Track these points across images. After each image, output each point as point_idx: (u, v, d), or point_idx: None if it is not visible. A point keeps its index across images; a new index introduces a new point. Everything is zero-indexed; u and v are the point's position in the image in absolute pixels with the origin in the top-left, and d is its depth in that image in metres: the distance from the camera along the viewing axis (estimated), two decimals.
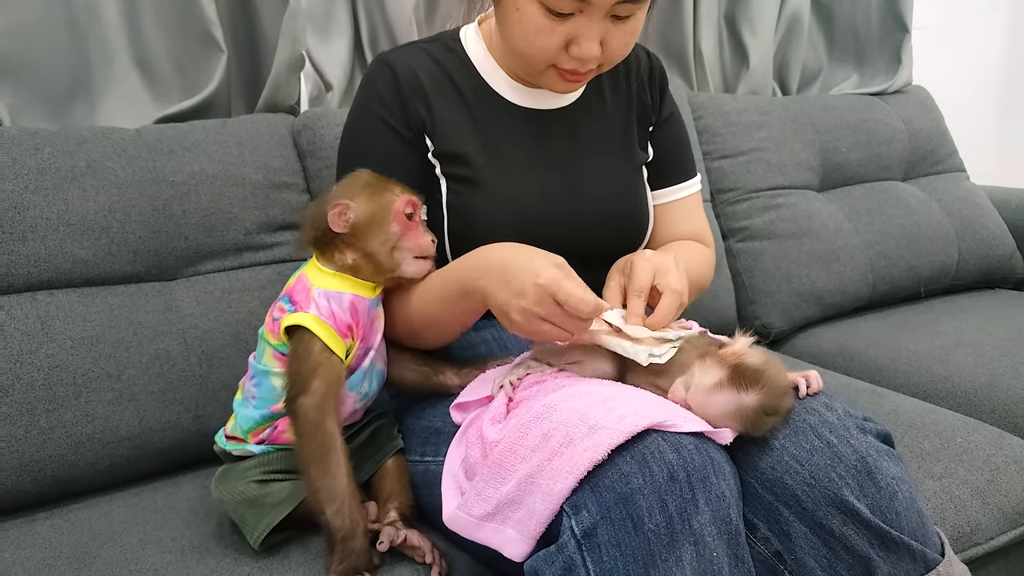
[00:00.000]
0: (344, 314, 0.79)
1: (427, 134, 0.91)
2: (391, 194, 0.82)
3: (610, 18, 0.81)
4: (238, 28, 1.29)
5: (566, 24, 0.80)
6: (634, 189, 0.98)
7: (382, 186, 0.83)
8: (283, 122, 1.22)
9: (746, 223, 1.51)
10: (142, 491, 0.97)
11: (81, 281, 1.00)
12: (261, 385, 0.83)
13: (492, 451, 0.70)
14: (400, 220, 0.82)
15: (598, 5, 0.78)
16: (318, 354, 0.77)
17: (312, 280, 0.81)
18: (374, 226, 0.81)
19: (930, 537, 0.71)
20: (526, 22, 0.82)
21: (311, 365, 0.77)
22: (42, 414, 0.93)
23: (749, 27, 1.73)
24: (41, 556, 0.82)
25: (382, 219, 0.81)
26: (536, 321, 0.72)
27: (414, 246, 0.83)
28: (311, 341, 0.77)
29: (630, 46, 0.86)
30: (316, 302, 0.79)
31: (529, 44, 0.84)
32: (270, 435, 0.83)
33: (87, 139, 1.04)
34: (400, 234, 0.82)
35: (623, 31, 0.83)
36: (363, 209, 0.81)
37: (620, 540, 0.61)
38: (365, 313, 0.81)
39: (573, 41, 0.81)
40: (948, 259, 1.64)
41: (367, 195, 0.82)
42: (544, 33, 0.82)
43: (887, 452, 0.71)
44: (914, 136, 1.75)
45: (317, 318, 0.78)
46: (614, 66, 0.95)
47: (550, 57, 0.84)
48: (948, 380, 1.21)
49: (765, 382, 0.70)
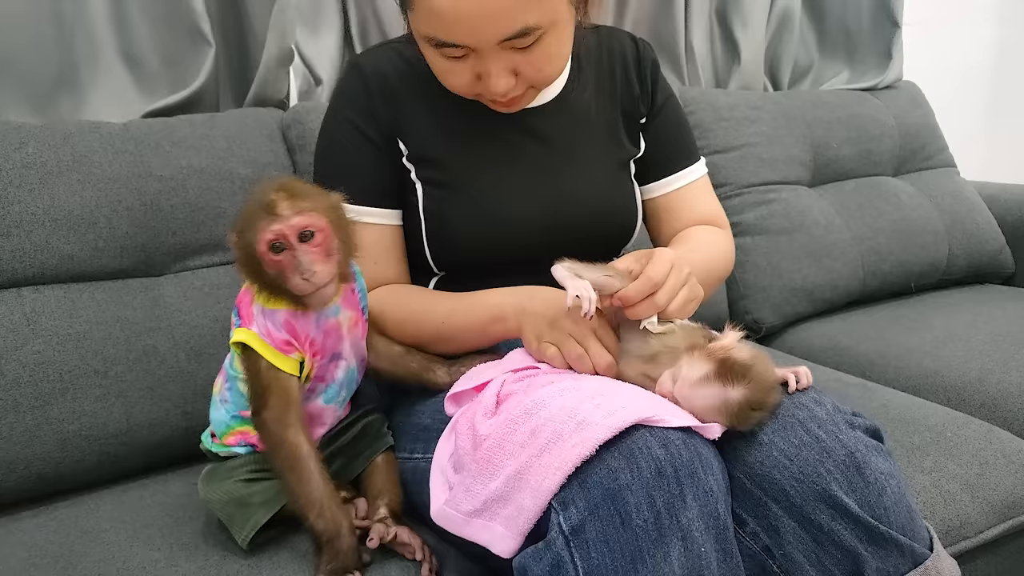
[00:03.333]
0: (279, 331, 0.76)
1: (400, 138, 0.91)
2: (254, 230, 0.71)
3: (511, 50, 0.78)
4: (226, 22, 1.28)
5: (467, 63, 0.80)
6: (618, 186, 0.97)
7: (256, 212, 0.72)
8: (272, 116, 1.21)
9: (737, 219, 1.51)
10: (130, 488, 0.97)
11: (67, 277, 0.99)
12: (232, 389, 0.82)
13: (481, 445, 0.70)
14: (268, 261, 0.72)
15: (482, 48, 0.77)
16: (265, 372, 0.76)
17: (254, 293, 0.77)
18: (253, 265, 0.73)
19: (919, 532, 0.71)
20: (432, 64, 0.83)
21: (262, 383, 0.76)
22: (28, 411, 0.92)
23: (740, 22, 1.73)
24: (26, 555, 0.82)
25: (253, 260, 0.72)
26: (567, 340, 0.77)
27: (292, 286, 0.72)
28: (257, 359, 0.76)
29: (550, 70, 0.83)
30: (256, 319, 0.76)
31: (444, 82, 0.84)
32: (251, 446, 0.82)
33: (73, 133, 1.03)
34: (275, 274, 0.72)
35: (532, 60, 0.80)
36: (238, 248, 0.74)
37: (608, 536, 0.61)
38: (310, 327, 0.77)
39: (481, 76, 0.80)
40: (938, 254, 1.65)
41: (241, 228, 0.73)
42: (449, 74, 0.82)
43: (876, 447, 0.71)
44: (904, 131, 1.76)
45: (256, 335, 0.76)
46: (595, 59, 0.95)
47: (469, 91, 0.83)
48: (938, 375, 1.22)
49: (752, 377, 0.70)
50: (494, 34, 0.75)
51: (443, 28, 0.76)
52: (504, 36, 0.76)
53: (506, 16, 0.74)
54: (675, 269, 0.76)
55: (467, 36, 0.76)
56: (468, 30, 0.75)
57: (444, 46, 0.78)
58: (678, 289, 0.76)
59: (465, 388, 0.81)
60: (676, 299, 0.76)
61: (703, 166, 1.05)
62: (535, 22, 0.76)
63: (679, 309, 0.76)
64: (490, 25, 0.75)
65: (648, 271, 0.75)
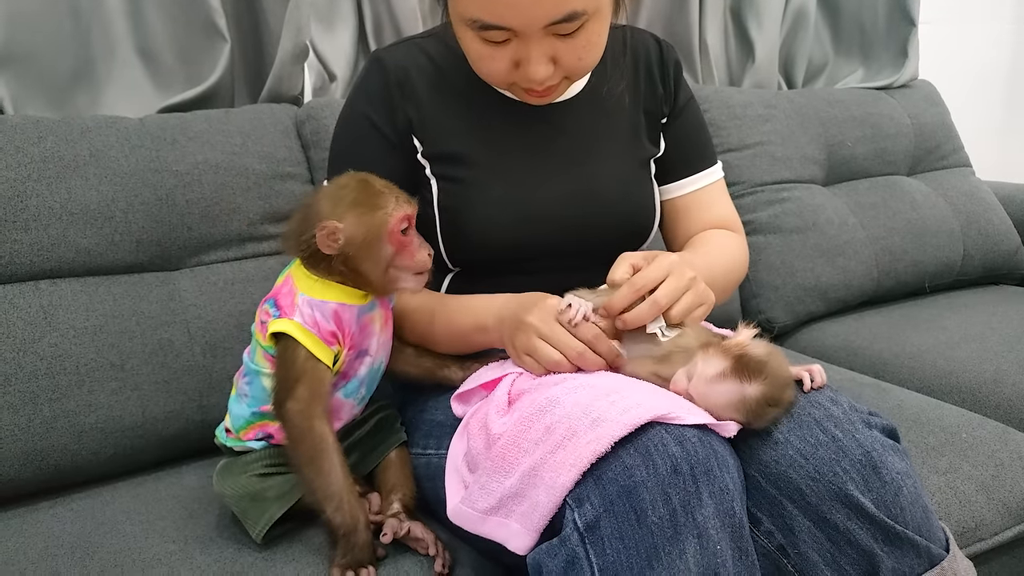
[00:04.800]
0: (327, 322, 0.77)
1: (415, 135, 0.90)
2: (383, 212, 0.76)
3: (553, 36, 0.78)
4: (242, 17, 1.29)
5: (507, 48, 0.79)
6: (638, 185, 0.96)
7: (373, 201, 0.77)
8: (287, 112, 1.21)
9: (751, 217, 1.50)
10: (145, 481, 0.97)
11: (84, 271, 1.00)
12: (253, 384, 0.82)
13: (495, 444, 0.70)
14: (395, 240, 0.77)
15: (526, 31, 0.76)
16: (303, 362, 0.76)
17: (298, 284, 0.78)
18: (367, 248, 0.76)
19: (935, 532, 0.70)
20: (469, 50, 0.82)
21: (296, 372, 0.76)
22: (45, 403, 0.92)
23: (755, 20, 1.72)
24: (44, 545, 0.82)
25: (375, 240, 0.76)
26: (534, 339, 0.75)
27: (411, 264, 0.79)
28: (296, 348, 0.76)
29: (589, 59, 0.82)
30: (300, 309, 0.76)
31: (479, 70, 0.83)
32: (268, 436, 0.82)
33: (90, 128, 1.04)
34: (395, 254, 0.77)
35: (574, 47, 0.79)
36: (353, 231, 0.75)
37: (623, 533, 0.61)
38: (352, 321, 0.78)
39: (520, 63, 0.80)
40: (953, 254, 1.64)
41: (357, 214, 0.76)
42: (487, 60, 0.80)
43: (892, 447, 0.71)
44: (920, 131, 1.74)
45: (300, 326, 0.76)
46: (618, 57, 0.95)
47: (504, 79, 0.82)
48: (952, 375, 1.21)
49: (768, 373, 0.70)
50: (542, 17, 0.75)
51: (490, 9, 0.75)
52: (552, 19, 0.75)
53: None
54: (674, 273, 0.76)
55: (515, 18, 0.75)
56: (516, 12, 0.74)
57: (488, 28, 0.76)
58: (680, 292, 0.75)
59: (471, 387, 0.82)
60: (680, 303, 0.75)
61: (720, 170, 1.04)
62: (582, 7, 0.75)
63: (685, 314, 0.75)
64: (539, 7, 0.74)
65: (634, 278, 0.75)
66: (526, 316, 0.77)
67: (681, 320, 0.75)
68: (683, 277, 0.76)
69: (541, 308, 0.77)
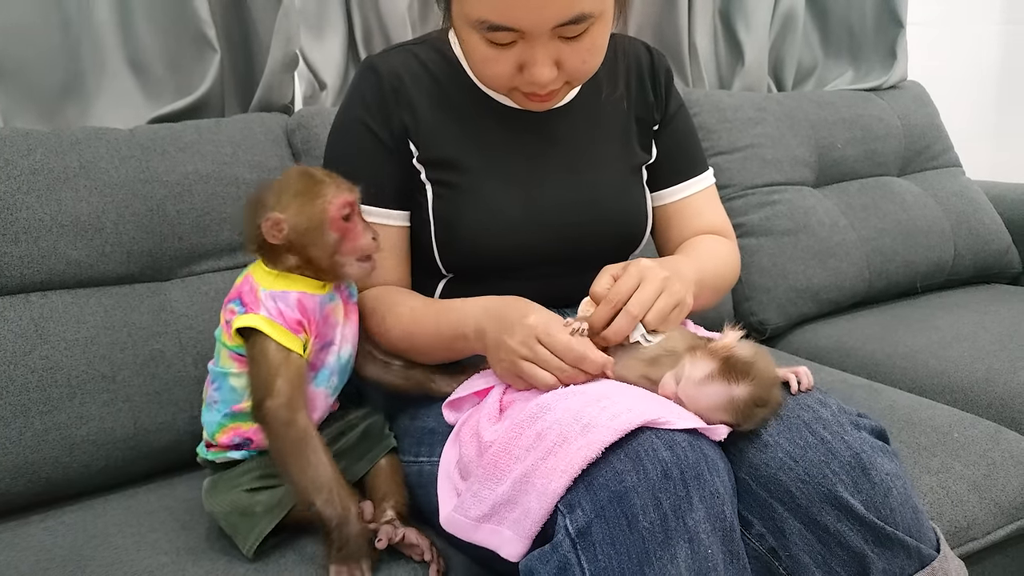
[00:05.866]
0: (292, 311, 0.78)
1: (411, 140, 0.91)
2: (323, 200, 0.79)
3: (559, 39, 0.78)
4: (231, 27, 1.29)
5: (512, 51, 0.78)
6: (631, 191, 0.97)
7: (314, 190, 0.79)
8: (277, 121, 1.21)
9: (742, 220, 1.51)
10: (137, 493, 0.97)
11: (75, 282, 1.00)
12: (221, 388, 0.82)
13: (487, 451, 0.70)
14: (336, 226, 0.79)
15: (534, 33, 0.76)
16: (275, 354, 0.77)
17: (258, 281, 0.80)
18: (310, 235, 0.79)
19: (925, 533, 0.71)
20: (473, 52, 0.81)
21: (271, 367, 0.77)
22: (36, 416, 0.92)
23: (744, 23, 1.73)
24: (35, 559, 0.82)
25: (317, 227, 0.79)
26: (519, 361, 0.74)
27: (354, 248, 0.81)
28: (265, 343, 0.77)
29: (592, 63, 0.83)
30: (263, 303, 0.78)
31: (481, 73, 0.83)
32: (245, 441, 0.82)
33: (80, 140, 1.04)
34: (339, 240, 0.80)
35: (578, 50, 0.79)
36: (295, 220, 0.78)
37: (615, 538, 0.61)
38: (316, 310, 0.80)
39: (524, 66, 0.79)
40: (944, 254, 1.64)
41: (298, 204, 0.79)
42: (491, 62, 0.80)
43: (882, 448, 0.71)
44: (909, 132, 1.75)
45: (267, 319, 0.77)
46: (611, 65, 0.95)
47: (506, 83, 0.82)
48: (944, 375, 1.21)
49: (755, 374, 0.70)
50: (551, 18, 0.75)
51: (499, 10, 0.75)
52: (560, 21, 0.75)
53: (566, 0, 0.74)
54: (646, 279, 0.76)
55: (523, 19, 0.75)
56: (525, 12, 0.74)
57: (496, 30, 0.76)
58: (652, 298, 0.75)
59: (463, 395, 0.82)
60: (654, 308, 0.75)
61: (711, 176, 1.05)
62: (590, 9, 0.75)
63: (661, 317, 0.75)
64: (549, 8, 0.74)
65: (609, 294, 0.76)
66: (509, 339, 0.75)
67: (658, 325, 0.76)
68: (655, 281, 0.76)
69: (522, 328, 0.75)
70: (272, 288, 0.79)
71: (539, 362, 0.74)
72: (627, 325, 0.75)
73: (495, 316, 0.79)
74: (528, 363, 0.74)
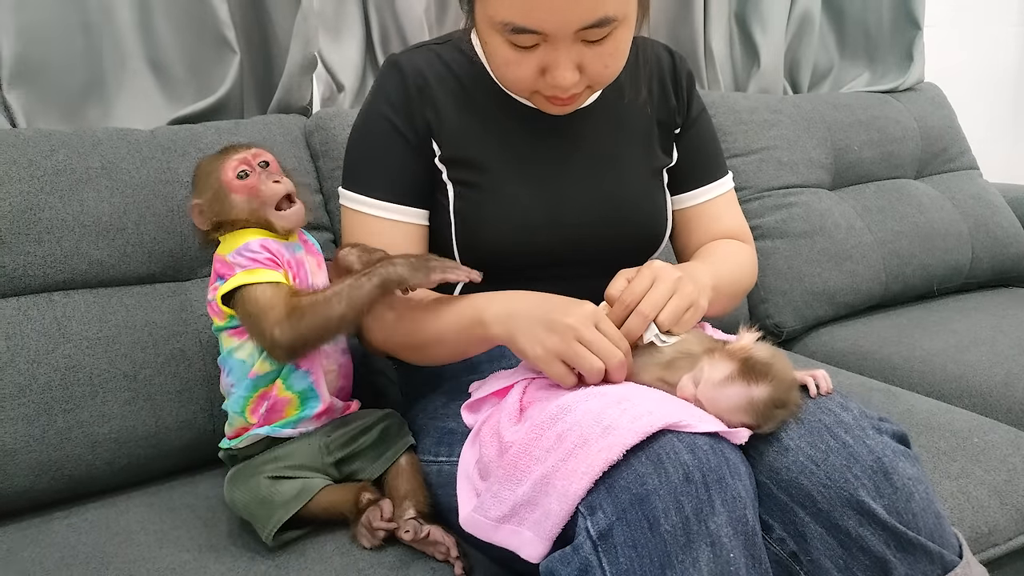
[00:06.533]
0: (261, 252, 0.82)
1: (434, 138, 0.91)
2: (217, 171, 0.85)
3: (581, 43, 0.78)
4: (251, 29, 1.30)
5: (535, 54, 0.78)
6: (652, 194, 0.97)
7: (211, 164, 0.87)
8: (296, 123, 1.22)
9: (758, 222, 1.50)
10: (158, 490, 0.98)
11: (96, 282, 1.01)
12: (232, 369, 0.86)
13: (507, 452, 0.70)
14: (235, 187, 0.84)
15: (557, 36, 0.76)
16: (262, 293, 0.81)
17: (222, 253, 0.85)
18: (221, 204, 0.85)
19: (948, 538, 0.70)
20: (495, 54, 0.81)
21: (263, 305, 0.80)
22: (59, 414, 0.93)
23: (760, 25, 1.73)
24: (59, 555, 0.83)
25: (220, 196, 0.85)
26: (574, 342, 0.73)
27: (262, 200, 0.84)
28: (251, 291, 0.81)
29: (615, 67, 0.82)
30: (234, 263, 0.82)
31: (503, 75, 0.83)
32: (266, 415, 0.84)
33: (102, 141, 1.05)
34: (246, 198, 0.84)
35: (601, 54, 0.79)
36: (206, 197, 0.86)
37: (636, 541, 0.61)
38: (282, 250, 0.84)
39: (546, 69, 0.79)
40: (961, 257, 1.63)
41: (203, 182, 0.87)
42: (513, 66, 0.80)
43: (903, 452, 0.71)
44: (926, 134, 1.74)
45: (244, 271, 0.81)
46: (633, 68, 0.95)
47: (528, 86, 0.82)
48: (963, 379, 1.21)
49: (774, 375, 0.70)
50: (575, 21, 0.74)
51: (523, 12, 0.74)
52: (584, 24, 0.75)
53: (590, 2, 0.74)
54: (659, 280, 0.76)
55: (547, 21, 0.74)
56: (550, 15, 0.74)
57: (519, 32, 0.76)
58: (665, 298, 0.75)
59: (483, 395, 0.82)
60: (667, 309, 0.75)
61: (730, 180, 1.05)
62: (614, 12, 0.75)
63: (674, 318, 0.76)
64: (573, 11, 0.74)
65: (622, 295, 0.76)
66: (565, 318, 0.74)
67: (672, 325, 0.76)
68: (667, 282, 0.76)
69: (583, 311, 0.74)
70: (232, 247, 0.83)
71: (593, 347, 0.73)
72: (639, 325, 0.75)
73: (537, 301, 0.78)
74: (582, 347, 0.73)
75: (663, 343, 0.75)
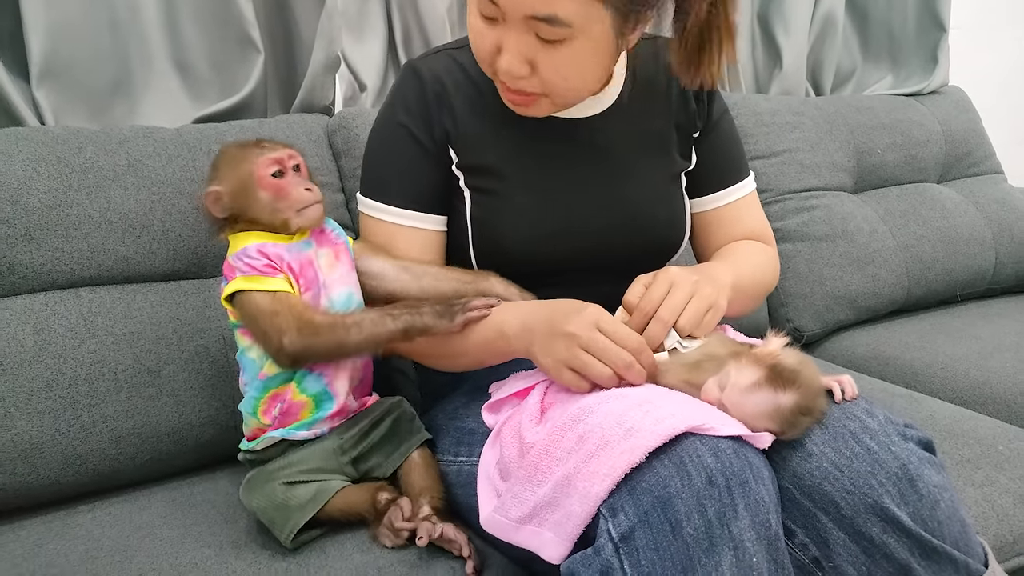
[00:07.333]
0: (258, 259, 0.81)
1: (451, 146, 0.91)
2: (249, 163, 0.84)
3: (536, 37, 0.76)
4: (275, 29, 1.31)
5: (495, 30, 0.78)
6: (669, 199, 0.96)
7: (242, 154, 0.85)
8: (318, 122, 1.23)
9: (779, 225, 1.49)
10: (180, 485, 0.99)
11: (123, 278, 1.02)
12: (246, 369, 0.86)
13: (528, 453, 0.70)
14: (266, 184, 0.83)
15: (510, 16, 0.75)
16: (262, 300, 0.80)
17: (228, 252, 0.84)
18: (244, 198, 0.84)
19: (973, 547, 0.70)
20: (470, 22, 0.82)
21: (266, 312, 0.80)
22: (84, 409, 0.94)
23: (783, 27, 1.72)
24: (84, 548, 0.84)
25: (248, 189, 0.84)
26: (578, 352, 0.73)
27: (289, 203, 0.84)
28: (251, 296, 0.80)
29: (573, 82, 0.81)
30: (235, 267, 0.82)
31: (473, 44, 0.83)
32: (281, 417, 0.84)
33: (128, 138, 1.06)
34: (273, 197, 0.83)
35: (556, 58, 0.77)
36: (229, 186, 0.84)
37: (658, 544, 0.61)
38: (283, 254, 0.83)
39: (500, 50, 0.79)
40: (985, 262, 1.61)
41: (229, 170, 0.85)
42: (478, 36, 0.81)
43: (929, 460, 0.70)
44: (950, 138, 1.73)
45: (242, 276, 0.81)
46: (651, 70, 0.94)
47: (488, 62, 0.82)
48: (986, 385, 1.19)
49: (801, 382, 0.70)
50: (525, 5, 0.74)
51: None
52: (534, 12, 0.74)
53: None
54: (676, 285, 0.76)
55: None
56: None
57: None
58: (683, 303, 0.75)
59: (503, 396, 0.82)
60: (686, 314, 0.75)
61: (752, 182, 1.04)
62: (565, 16, 0.73)
63: (694, 322, 0.76)
64: None
65: (641, 303, 0.76)
66: (565, 326, 0.74)
67: (692, 329, 0.76)
68: (685, 286, 0.76)
69: (582, 317, 0.75)
70: (234, 250, 0.83)
71: (598, 352, 0.72)
72: (660, 332, 0.75)
73: (546, 312, 0.79)
74: (586, 354, 0.73)
75: (684, 348, 0.75)
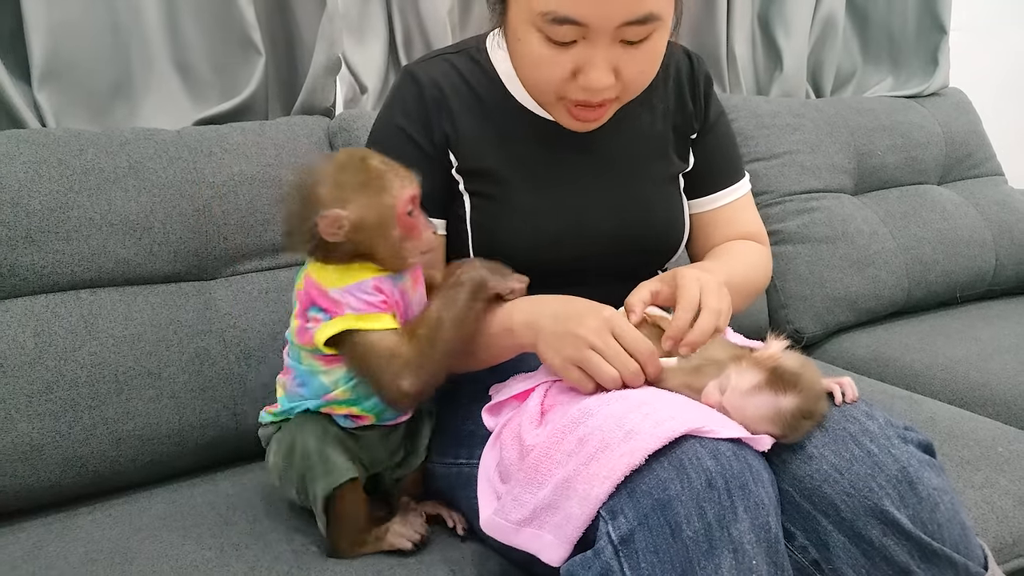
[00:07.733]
0: (374, 296, 0.76)
1: (451, 149, 0.91)
2: (390, 196, 0.75)
3: (620, 43, 0.76)
4: (276, 31, 1.31)
5: (570, 52, 0.77)
6: (668, 201, 0.96)
7: (378, 183, 0.75)
8: (319, 124, 1.23)
9: (779, 226, 1.49)
10: (181, 487, 0.99)
11: (123, 280, 1.02)
12: (308, 384, 0.80)
13: (528, 455, 0.71)
14: (403, 223, 0.76)
15: (600, 30, 0.74)
16: (380, 342, 0.74)
17: (321, 281, 0.76)
18: (375, 232, 0.75)
19: (973, 549, 0.70)
20: (528, 53, 0.79)
21: (384, 356, 0.74)
22: (85, 411, 0.94)
23: (783, 28, 1.72)
24: (84, 550, 0.84)
25: (384, 225, 0.75)
26: (587, 351, 0.73)
27: (417, 244, 0.78)
28: (366, 338, 0.74)
29: (649, 73, 0.81)
30: (344, 303, 0.75)
31: (533, 76, 0.82)
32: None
33: (129, 140, 1.06)
34: (403, 236, 0.76)
35: (638, 57, 0.78)
36: (360, 215, 0.74)
37: (658, 547, 0.61)
38: (393, 289, 0.78)
39: (580, 70, 0.78)
40: (985, 264, 1.61)
41: (363, 199, 0.74)
42: (546, 64, 0.78)
43: (929, 462, 0.70)
44: (951, 139, 1.73)
45: (355, 316, 0.74)
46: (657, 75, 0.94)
47: (557, 88, 0.80)
48: (986, 387, 1.19)
49: (802, 386, 0.70)
50: (619, 14, 0.73)
51: (568, 1, 0.73)
52: (628, 19, 0.73)
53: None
54: (704, 288, 0.76)
55: (591, 12, 0.73)
56: (594, 6, 0.73)
57: (560, 23, 0.74)
58: (720, 307, 0.76)
59: (503, 399, 0.82)
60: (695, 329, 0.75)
61: (747, 183, 1.04)
62: (657, 10, 0.74)
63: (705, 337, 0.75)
64: (618, 2, 0.73)
65: (686, 299, 0.76)
66: (579, 326, 0.74)
67: (703, 343, 0.75)
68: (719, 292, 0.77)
69: (598, 319, 0.74)
70: (343, 285, 0.75)
71: (607, 355, 0.72)
72: (711, 324, 0.74)
73: (555, 308, 0.78)
74: (595, 354, 0.72)
75: (685, 355, 0.75)
